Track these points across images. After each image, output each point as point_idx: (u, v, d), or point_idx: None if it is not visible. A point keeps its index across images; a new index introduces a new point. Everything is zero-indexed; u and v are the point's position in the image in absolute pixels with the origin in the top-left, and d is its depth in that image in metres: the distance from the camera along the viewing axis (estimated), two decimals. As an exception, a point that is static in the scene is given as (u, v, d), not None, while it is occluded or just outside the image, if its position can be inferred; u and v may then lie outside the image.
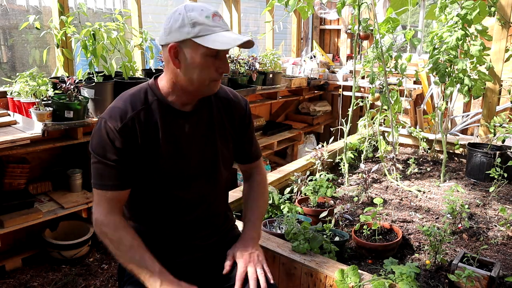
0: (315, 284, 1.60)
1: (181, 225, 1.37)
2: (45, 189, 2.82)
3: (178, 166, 1.30)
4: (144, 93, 1.28)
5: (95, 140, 1.22)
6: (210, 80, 1.24)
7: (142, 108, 1.25)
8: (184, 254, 1.38)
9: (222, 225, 1.48)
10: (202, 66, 1.20)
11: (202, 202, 1.38)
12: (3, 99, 2.71)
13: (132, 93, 1.29)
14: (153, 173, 1.27)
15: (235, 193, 2.26)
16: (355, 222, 2.19)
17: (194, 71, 1.21)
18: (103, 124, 1.21)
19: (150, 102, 1.27)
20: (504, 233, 2.11)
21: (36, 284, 2.50)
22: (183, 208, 1.35)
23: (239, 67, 3.73)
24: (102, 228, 1.24)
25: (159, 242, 1.36)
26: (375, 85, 2.89)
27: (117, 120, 1.21)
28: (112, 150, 1.20)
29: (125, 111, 1.23)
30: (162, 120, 1.27)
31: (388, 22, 2.57)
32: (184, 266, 1.37)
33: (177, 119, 1.30)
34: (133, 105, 1.25)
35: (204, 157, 1.36)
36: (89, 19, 2.80)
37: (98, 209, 1.25)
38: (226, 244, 1.44)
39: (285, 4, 2.45)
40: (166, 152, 1.27)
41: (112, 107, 1.25)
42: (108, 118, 1.22)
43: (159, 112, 1.27)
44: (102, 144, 1.21)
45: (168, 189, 1.31)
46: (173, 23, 1.19)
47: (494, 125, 2.85)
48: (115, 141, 1.20)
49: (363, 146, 3.18)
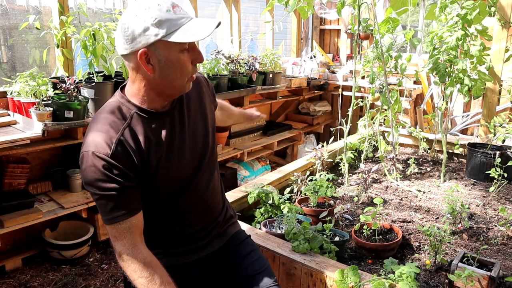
0: (315, 284, 1.60)
1: (185, 225, 1.35)
2: (45, 189, 2.82)
3: (179, 166, 1.28)
4: (119, 110, 1.19)
5: (89, 176, 1.12)
6: (189, 75, 1.18)
7: (124, 126, 1.16)
8: (191, 254, 1.37)
9: (223, 220, 1.47)
10: (179, 63, 1.14)
11: (203, 195, 1.36)
12: (3, 99, 2.71)
13: (105, 116, 1.18)
14: (158, 184, 1.24)
15: (235, 193, 2.26)
16: (355, 222, 2.19)
17: (171, 70, 1.14)
18: (91, 157, 1.11)
19: (129, 116, 1.19)
20: (504, 233, 2.11)
21: (36, 284, 2.50)
22: (187, 207, 1.34)
23: (239, 67, 3.73)
24: (130, 264, 1.15)
25: (163, 246, 1.35)
26: (375, 85, 2.89)
27: (105, 147, 1.12)
28: (110, 180, 1.12)
29: (109, 135, 1.14)
30: (149, 129, 1.20)
31: (388, 22, 2.57)
32: (191, 266, 1.37)
33: (163, 122, 1.24)
34: (114, 127, 1.15)
35: (197, 146, 1.33)
36: (89, 19, 2.80)
37: (121, 243, 1.16)
38: (228, 241, 1.45)
39: (285, 4, 2.44)
40: (166, 158, 1.24)
41: (92, 137, 1.15)
42: (94, 149, 1.11)
43: (143, 122, 1.19)
44: (97, 177, 1.11)
45: (173, 193, 1.30)
46: (134, 27, 1.08)
47: (494, 125, 2.85)
48: (111, 170, 1.11)
49: (363, 146, 3.18)
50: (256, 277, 1.36)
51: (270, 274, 1.39)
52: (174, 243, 1.36)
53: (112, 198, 1.13)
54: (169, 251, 1.35)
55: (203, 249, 1.39)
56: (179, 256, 1.35)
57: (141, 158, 1.18)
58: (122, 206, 1.15)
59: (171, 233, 1.35)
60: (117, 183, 1.12)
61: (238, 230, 1.53)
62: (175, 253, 1.35)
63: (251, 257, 1.43)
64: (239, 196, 2.24)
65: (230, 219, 1.52)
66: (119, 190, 1.13)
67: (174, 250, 1.35)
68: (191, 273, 1.36)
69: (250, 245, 1.49)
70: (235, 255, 1.44)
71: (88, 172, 1.12)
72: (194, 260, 1.37)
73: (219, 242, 1.43)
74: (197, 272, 1.37)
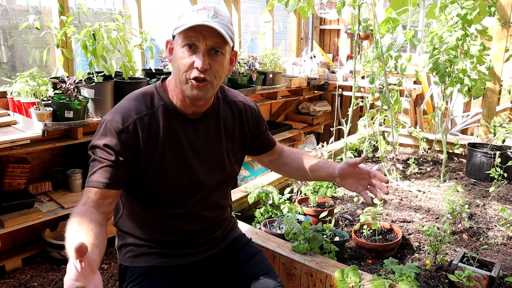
0: (315, 284, 1.60)
1: (179, 232, 1.34)
2: (45, 189, 2.82)
3: (181, 175, 1.27)
4: (151, 97, 1.25)
5: (94, 140, 1.19)
6: (187, 73, 1.16)
7: (147, 113, 1.22)
8: (188, 256, 1.37)
9: (224, 229, 1.47)
10: (178, 57, 1.17)
11: (205, 210, 1.35)
12: (3, 99, 2.71)
13: (138, 96, 1.25)
14: (154, 181, 1.24)
15: (235, 193, 2.26)
16: (355, 222, 2.19)
17: (175, 64, 1.19)
18: (103, 125, 1.19)
19: (156, 107, 1.23)
20: (504, 233, 2.11)
21: (36, 284, 2.50)
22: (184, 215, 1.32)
23: (239, 67, 3.73)
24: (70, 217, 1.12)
25: (159, 246, 1.34)
26: (375, 85, 2.89)
27: (119, 122, 1.18)
28: (109, 151, 1.16)
29: (128, 114, 1.19)
30: (167, 126, 1.23)
31: (388, 22, 2.57)
32: (191, 268, 1.36)
33: (182, 125, 1.26)
34: (138, 109, 1.21)
35: (209, 166, 1.32)
36: (89, 19, 2.80)
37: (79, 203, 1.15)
38: (228, 245, 1.45)
39: (285, 4, 2.44)
40: (168, 161, 1.24)
41: (116, 108, 1.22)
42: (110, 119, 1.19)
43: (164, 117, 1.23)
44: (99, 142, 1.17)
45: (167, 198, 1.29)
46: None
47: (494, 125, 2.85)
48: (112, 143, 1.16)
49: (363, 146, 3.18)
50: (261, 279, 1.36)
51: (274, 275, 1.39)
52: (170, 244, 1.34)
53: (99, 164, 1.16)
54: (165, 252, 1.34)
55: (201, 253, 1.38)
56: (176, 257, 1.35)
57: (145, 147, 1.20)
58: (102, 175, 1.15)
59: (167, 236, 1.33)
60: (113, 156, 1.16)
61: (239, 234, 1.53)
62: (171, 254, 1.34)
63: (255, 259, 1.43)
64: (239, 196, 2.24)
65: (231, 224, 1.51)
66: (112, 162, 1.16)
67: (170, 252, 1.34)
68: (191, 275, 1.35)
69: (253, 248, 1.49)
70: (239, 257, 1.43)
71: (95, 136, 1.20)
72: (193, 261, 1.36)
73: (219, 246, 1.43)
74: (197, 274, 1.37)
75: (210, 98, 1.28)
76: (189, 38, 1.14)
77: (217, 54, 1.17)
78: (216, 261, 1.41)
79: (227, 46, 1.18)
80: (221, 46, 1.16)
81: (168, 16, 4.46)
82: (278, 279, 1.38)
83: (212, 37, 1.14)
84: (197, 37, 1.13)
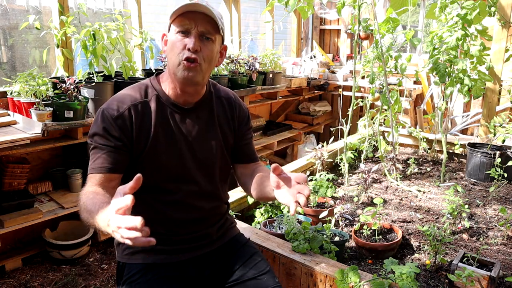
0: (315, 284, 1.60)
1: (172, 222, 1.36)
2: (45, 189, 2.82)
3: (173, 162, 1.31)
4: (145, 88, 1.33)
5: (92, 128, 1.26)
6: (180, 55, 1.23)
7: (141, 101, 1.30)
8: (184, 253, 1.37)
9: (220, 226, 1.47)
10: (173, 43, 1.25)
11: (197, 199, 1.37)
12: (3, 99, 2.71)
13: (134, 87, 1.34)
14: (148, 167, 1.28)
15: (235, 193, 2.26)
16: (355, 222, 2.19)
17: (169, 50, 1.26)
18: (100, 113, 1.26)
19: (150, 96, 1.31)
20: (504, 233, 2.11)
21: (36, 284, 2.50)
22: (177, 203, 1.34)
23: (239, 67, 3.73)
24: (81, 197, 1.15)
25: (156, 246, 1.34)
26: (375, 85, 2.89)
27: (114, 109, 1.26)
28: (106, 136, 1.23)
29: (123, 101, 1.28)
30: (160, 114, 1.30)
31: (388, 22, 2.57)
32: (186, 265, 1.37)
33: (174, 114, 1.32)
34: (132, 97, 1.29)
35: (201, 155, 1.36)
36: (89, 19, 2.80)
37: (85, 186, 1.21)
38: (225, 244, 1.45)
39: (285, 4, 2.44)
40: (160, 147, 1.29)
41: (113, 97, 1.31)
42: (106, 107, 1.27)
43: (157, 106, 1.31)
44: (98, 130, 1.24)
45: (162, 187, 1.32)
46: None
47: (494, 125, 2.85)
48: (110, 129, 1.24)
49: (363, 146, 3.18)
50: (259, 279, 1.37)
51: (272, 276, 1.39)
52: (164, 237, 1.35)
53: (99, 151, 1.24)
54: (162, 249, 1.34)
55: (197, 249, 1.39)
56: (172, 254, 1.36)
57: (139, 133, 1.27)
58: (104, 161, 1.23)
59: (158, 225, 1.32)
60: (112, 141, 1.24)
61: (237, 233, 1.54)
62: (168, 251, 1.35)
63: (253, 260, 1.43)
64: (239, 196, 2.24)
65: (228, 223, 1.52)
66: (111, 147, 1.24)
67: (166, 248, 1.35)
68: (188, 272, 1.36)
69: (251, 248, 1.49)
70: (237, 257, 1.43)
71: (93, 124, 1.27)
72: (190, 258, 1.37)
73: (215, 244, 1.43)
74: (194, 272, 1.37)
75: (200, 84, 1.32)
76: (183, 25, 1.23)
77: (207, 40, 1.25)
78: (213, 259, 1.41)
79: (217, 35, 1.27)
80: (211, 33, 1.25)
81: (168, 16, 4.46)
82: (276, 279, 1.39)
83: (203, 24, 1.23)
84: (190, 24, 1.22)
